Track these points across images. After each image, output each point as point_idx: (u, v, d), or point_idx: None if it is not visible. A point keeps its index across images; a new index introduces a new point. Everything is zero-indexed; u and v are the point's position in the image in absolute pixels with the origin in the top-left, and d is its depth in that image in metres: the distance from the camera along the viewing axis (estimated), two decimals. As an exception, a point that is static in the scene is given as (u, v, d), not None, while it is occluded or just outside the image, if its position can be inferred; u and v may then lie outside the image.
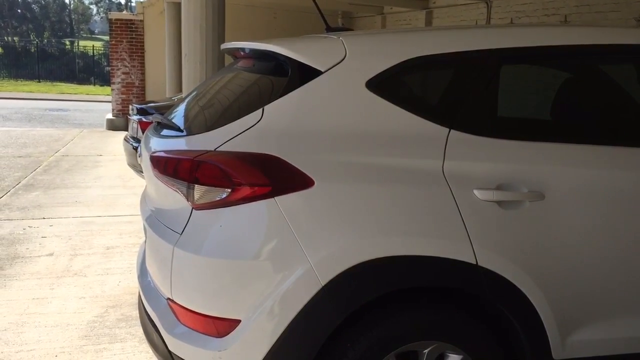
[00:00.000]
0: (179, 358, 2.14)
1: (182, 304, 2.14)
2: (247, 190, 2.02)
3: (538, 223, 2.11)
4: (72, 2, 60.57)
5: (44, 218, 5.81)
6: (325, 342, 2.02)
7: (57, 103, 20.97)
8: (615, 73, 2.54)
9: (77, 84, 31.37)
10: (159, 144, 2.42)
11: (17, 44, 44.50)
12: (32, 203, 6.38)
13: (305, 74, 2.15)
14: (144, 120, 6.36)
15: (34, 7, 55.17)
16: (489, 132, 2.17)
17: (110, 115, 13.55)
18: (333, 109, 2.13)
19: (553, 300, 2.15)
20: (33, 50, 38.83)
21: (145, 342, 2.78)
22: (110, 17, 13.72)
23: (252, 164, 2.03)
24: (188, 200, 2.11)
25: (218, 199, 2.05)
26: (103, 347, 3.27)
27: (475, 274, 2.07)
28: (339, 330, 2.04)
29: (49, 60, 36.91)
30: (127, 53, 13.31)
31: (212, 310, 2.07)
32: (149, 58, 13.40)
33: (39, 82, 31.24)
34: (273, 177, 2.01)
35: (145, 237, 2.60)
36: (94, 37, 58.28)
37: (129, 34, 13.26)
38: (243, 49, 2.64)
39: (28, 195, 6.72)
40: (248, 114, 2.11)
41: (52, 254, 4.76)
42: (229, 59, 3.39)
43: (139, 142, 6.39)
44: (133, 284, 4.14)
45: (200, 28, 4.26)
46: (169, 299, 2.20)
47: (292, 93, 2.14)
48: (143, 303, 2.52)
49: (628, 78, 2.56)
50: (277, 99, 2.13)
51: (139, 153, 2.72)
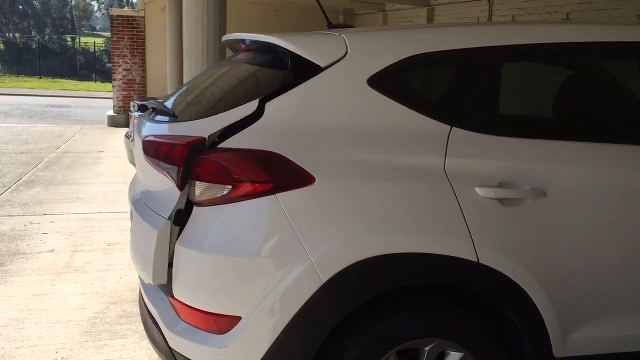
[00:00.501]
0: (180, 355, 2.14)
1: (183, 301, 2.14)
2: (248, 187, 2.01)
3: (540, 221, 2.11)
4: (73, -2, 60.58)
5: (45, 214, 5.81)
6: (326, 339, 2.02)
7: (58, 100, 20.97)
8: (618, 71, 2.53)
9: (78, 81, 31.39)
10: (152, 129, 2.41)
11: (18, 41, 44.51)
12: (33, 199, 6.39)
13: (305, 69, 2.14)
14: (145, 117, 6.36)
15: (36, 3, 55.17)
16: (491, 129, 2.16)
17: (112, 112, 13.56)
18: (335, 106, 2.13)
19: (555, 298, 2.14)
20: (34, 47, 38.84)
21: (146, 338, 2.78)
22: (112, 13, 13.72)
23: (253, 161, 2.03)
24: (177, 186, 2.10)
25: (219, 196, 2.05)
26: (104, 343, 3.27)
27: (477, 272, 2.07)
28: (341, 328, 2.03)
29: (51, 57, 36.92)
30: (128, 50, 13.30)
31: (213, 307, 2.06)
32: (151, 55, 13.39)
33: (41, 78, 31.24)
34: (274, 174, 2.01)
35: (132, 221, 2.59)
36: (96, 33, 58.31)
37: (131, 31, 13.25)
38: (244, 41, 2.63)
39: (29, 192, 6.72)
40: (243, 104, 2.10)
41: (53, 251, 4.76)
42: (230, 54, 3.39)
43: (140, 138, 6.39)
44: (134, 281, 4.14)
45: (202, 24, 4.26)
46: (170, 296, 2.20)
47: (293, 90, 2.13)
48: (144, 300, 2.52)
49: (631, 76, 2.55)
50: (278, 96, 2.12)
51: (132, 137, 2.71)
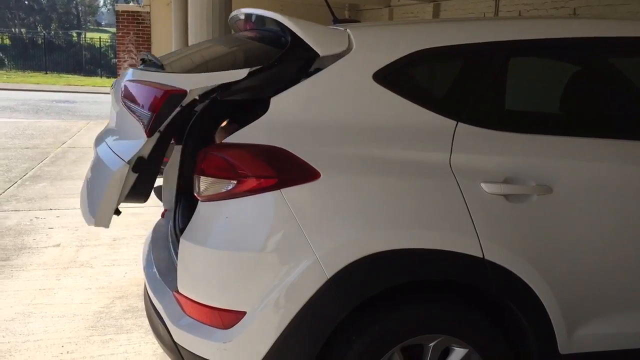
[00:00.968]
0: (184, 349, 2.15)
1: (187, 296, 2.14)
2: (253, 182, 2.01)
3: (546, 217, 2.10)
4: (79, -7, 60.64)
5: (51, 209, 5.83)
6: (331, 334, 2.02)
7: (64, 95, 21.01)
8: (625, 66, 2.51)
9: (83, 76, 31.41)
10: (136, 75, 2.35)
11: (24, 36, 44.59)
12: (39, 194, 6.41)
13: (308, 58, 2.14)
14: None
15: (41, -2, 55.23)
16: (497, 125, 2.16)
17: (117, 107, 13.57)
18: (340, 101, 2.12)
19: (560, 295, 2.14)
20: (40, 42, 38.92)
21: (151, 333, 2.79)
22: (117, 8, 13.73)
23: (258, 156, 2.03)
24: (145, 132, 2.07)
25: (224, 191, 2.05)
26: (109, 337, 3.28)
27: (482, 268, 2.06)
28: (345, 323, 2.03)
29: (56, 52, 36.98)
30: (134, 45, 13.32)
31: (217, 302, 2.07)
32: (156, 50, 13.40)
33: (46, 73, 31.29)
34: (279, 169, 2.01)
35: (91, 164, 2.52)
36: (101, 29, 58.37)
37: (136, 26, 13.27)
38: (249, 20, 2.63)
39: (35, 187, 6.74)
40: (232, 70, 2.10)
41: (58, 245, 4.78)
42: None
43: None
44: (139, 275, 4.15)
45: (207, 19, 4.25)
46: (175, 291, 2.20)
47: (298, 85, 2.13)
48: (149, 294, 2.53)
49: (638, 71, 2.53)
50: (283, 91, 2.11)
51: (113, 84, 2.67)
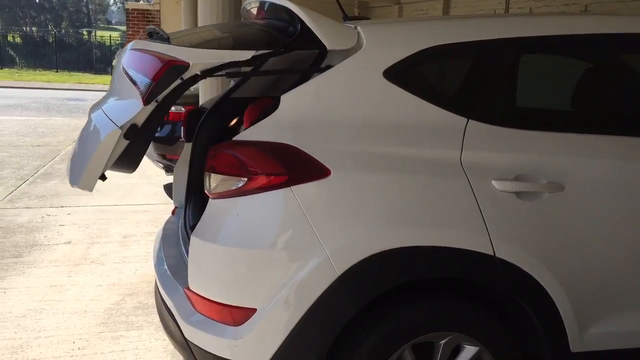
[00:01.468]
0: (195, 346, 2.15)
1: (198, 292, 2.15)
2: (263, 180, 2.01)
3: (557, 214, 2.09)
4: (89, -8, 60.90)
5: (62, 206, 5.87)
6: (341, 331, 2.02)
7: (74, 93, 21.12)
8: (637, 62, 2.49)
9: (94, 74, 31.55)
10: (140, 44, 2.33)
11: (35, 34, 44.87)
12: (50, 191, 6.45)
13: (313, 47, 2.14)
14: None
15: (52, -3, 55.54)
16: (508, 122, 2.15)
17: (127, 105, 13.62)
18: (350, 99, 2.12)
19: (571, 293, 2.13)
20: (51, 40, 39.11)
21: (162, 329, 2.79)
22: (127, 7, 13.78)
23: (268, 153, 2.03)
24: (142, 101, 2.06)
25: (234, 188, 2.05)
26: (120, 334, 3.30)
27: (493, 266, 2.06)
28: (355, 320, 2.03)
29: (67, 50, 37.14)
30: (143, 43, 13.34)
31: (227, 299, 2.07)
32: (166, 48, 13.42)
33: (57, 72, 31.46)
34: (289, 166, 2.01)
35: (84, 128, 2.49)
36: (111, 27, 58.62)
37: (146, 24, 13.32)
38: (263, 7, 2.62)
39: (46, 184, 6.79)
40: (238, 50, 2.11)
41: (69, 242, 4.81)
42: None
43: (156, 131, 6.42)
44: (150, 272, 4.17)
45: (217, 17, 4.26)
46: (186, 288, 2.21)
47: (308, 82, 2.13)
48: (159, 291, 2.54)
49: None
50: (293, 89, 2.12)
51: (117, 54, 2.65)
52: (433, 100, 2.13)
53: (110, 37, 38.76)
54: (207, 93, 4.80)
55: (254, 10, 2.85)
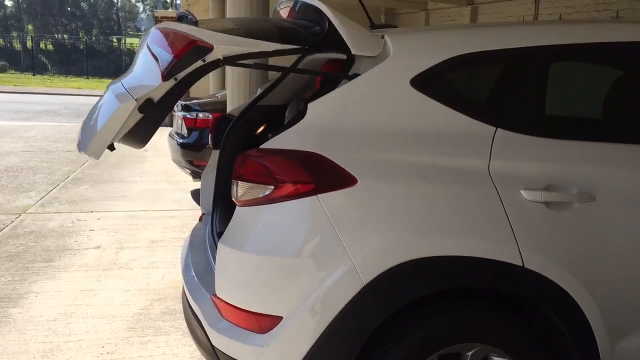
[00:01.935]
0: (222, 352, 2.17)
1: (224, 299, 2.16)
2: (290, 188, 2.02)
3: (588, 225, 2.06)
4: (119, 0, 61.98)
5: (92, 211, 5.96)
6: (367, 341, 2.01)
7: (104, 99, 21.44)
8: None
9: (123, 81, 32.00)
10: (170, 25, 2.30)
11: (66, 41, 45.77)
12: (80, 196, 6.56)
13: (338, 49, 2.14)
14: (188, 117, 6.46)
15: (83, 5, 56.63)
16: (537, 131, 2.12)
17: (156, 111, 13.78)
18: (377, 107, 2.12)
19: (603, 305, 2.09)
20: (82, 48, 39.87)
21: (189, 335, 2.82)
22: (157, 15, 14.00)
23: (295, 162, 2.04)
24: (162, 76, 2.06)
25: (261, 196, 2.06)
26: (148, 339, 3.34)
27: (522, 276, 2.03)
28: (381, 330, 2.02)
29: (97, 57, 37.85)
30: (172, 50, 13.51)
31: (254, 306, 2.08)
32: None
33: (88, 78, 32.07)
34: (316, 174, 2.01)
35: (100, 98, 2.49)
36: (140, 34, 59.52)
37: (174, 32, 13.46)
38: (294, 7, 2.63)
39: (77, 189, 6.91)
40: (265, 41, 2.12)
41: (99, 247, 4.88)
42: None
43: (184, 138, 6.50)
44: (177, 278, 4.21)
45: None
46: (213, 295, 2.22)
47: (335, 90, 2.13)
48: (187, 297, 2.56)
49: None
50: (320, 97, 2.12)
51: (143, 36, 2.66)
52: (461, 109, 2.11)
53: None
54: (234, 101, 4.84)
55: (284, 12, 2.86)
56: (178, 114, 6.77)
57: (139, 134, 2.23)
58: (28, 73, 33.43)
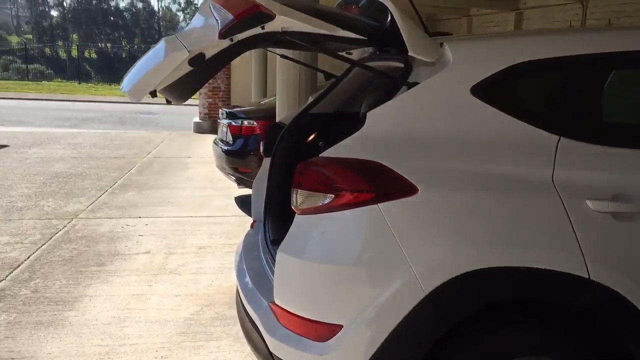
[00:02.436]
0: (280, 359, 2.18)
1: (283, 307, 2.17)
2: (350, 196, 2.02)
3: (657, 236, 2.00)
4: (160, 9, 63.29)
5: (140, 217, 6.07)
6: (428, 353, 2.00)
7: (146, 107, 21.85)
8: None
9: (165, 88, 32.60)
10: None
11: (110, 50, 46.93)
12: (128, 202, 6.69)
13: (396, 46, 2.13)
14: (234, 124, 6.53)
15: (126, 14, 57.98)
16: (602, 139, 2.08)
17: (197, 119, 14.00)
18: (437, 115, 2.11)
19: (672, 319, 2.02)
20: (124, 56, 40.81)
21: (240, 341, 2.84)
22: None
23: (355, 170, 2.04)
24: (219, 34, 2.08)
25: (321, 204, 2.07)
26: (200, 344, 3.38)
27: (588, 289, 1.99)
28: (442, 341, 2.00)
29: (139, 65, 38.58)
30: (214, 58, 13.69)
31: (313, 315, 2.09)
32: (234, 62, 13.72)
33: (131, 86, 32.69)
34: (376, 183, 2.01)
35: (153, 46, 2.53)
36: (181, 42, 60.45)
37: (216, 41, 13.63)
38: (358, 4, 2.63)
39: (124, 195, 7.05)
40: (326, 23, 2.13)
41: (148, 252, 4.97)
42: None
43: (228, 145, 6.57)
44: (225, 284, 4.25)
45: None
46: (271, 302, 2.24)
47: (394, 99, 2.13)
48: (243, 303, 2.58)
49: None
50: (379, 105, 2.13)
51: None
52: (522, 117, 2.09)
53: (181, 52, 39.91)
54: (283, 108, 4.87)
55: (346, 9, 2.85)
56: (223, 122, 6.85)
57: (181, 89, 2.28)
58: (74, 81, 34.37)
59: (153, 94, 2.28)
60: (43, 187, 7.32)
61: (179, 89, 2.30)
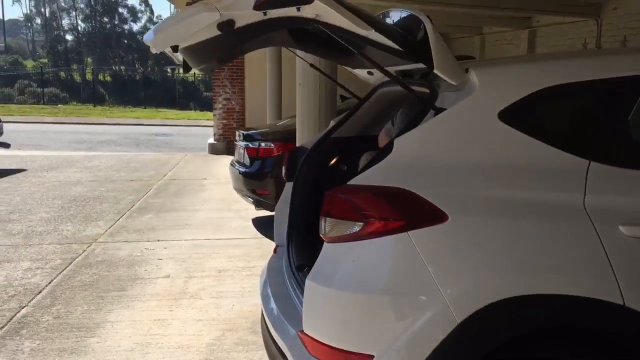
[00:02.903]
0: (309, 388, 2.15)
1: (312, 336, 2.15)
2: (379, 224, 2.01)
3: (694, 262, 1.97)
4: (173, 31, 63.99)
5: (159, 240, 6.09)
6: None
7: (161, 128, 22.11)
8: None
9: (179, 109, 32.94)
10: None
11: (124, 73, 47.48)
12: (146, 225, 6.71)
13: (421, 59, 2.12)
14: (251, 146, 6.55)
15: (139, 37, 58.68)
16: (634, 163, 2.06)
17: (212, 140, 14.09)
18: (465, 141, 2.10)
19: None
20: (138, 78, 41.26)
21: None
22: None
23: (385, 198, 2.03)
24: (255, 4, 2.03)
25: (350, 232, 2.06)
26: (223, 371, 3.36)
27: (622, 316, 1.95)
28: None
29: (153, 87, 39.06)
30: (228, 80, 13.81)
31: (344, 344, 2.06)
32: (249, 84, 13.84)
33: (145, 108, 33.06)
34: (406, 211, 2.00)
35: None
36: (193, 63, 61.11)
37: (229, 64, 13.75)
38: (389, 16, 2.61)
39: (142, 218, 7.08)
40: (361, 22, 2.08)
41: (168, 276, 4.97)
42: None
43: (245, 167, 6.59)
44: (246, 309, 4.24)
45: (315, 58, 4.33)
46: (300, 331, 2.22)
47: (422, 125, 2.13)
48: (268, 329, 2.57)
49: None
50: (407, 132, 2.12)
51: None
52: (551, 142, 2.07)
53: (195, 74, 40.34)
54: (304, 134, 4.88)
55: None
56: (240, 144, 6.88)
57: (201, 54, 2.30)
58: (89, 104, 34.77)
59: (175, 49, 2.27)
60: (62, 211, 7.37)
61: (199, 54, 2.30)
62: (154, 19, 60.36)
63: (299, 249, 2.99)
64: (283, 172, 3.33)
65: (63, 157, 12.58)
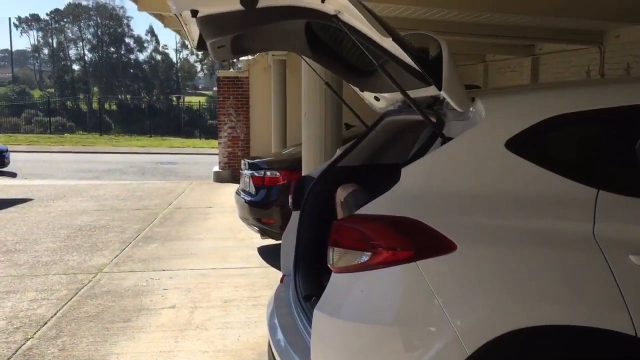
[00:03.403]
0: (318, 422, 2.12)
1: (321, 368, 2.13)
2: (388, 254, 2.00)
3: None
4: (179, 60, 64.79)
5: (164, 270, 6.06)
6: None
7: (166, 156, 22.20)
8: None
9: (184, 138, 33.14)
10: None
11: (130, 102, 47.93)
12: (151, 255, 6.70)
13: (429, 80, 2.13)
14: (256, 175, 6.56)
15: (145, 66, 59.39)
16: (642, 192, 2.05)
17: (217, 168, 14.13)
18: (473, 171, 2.10)
19: None
20: (144, 107, 41.61)
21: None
22: (218, 75, 14.48)
23: (392, 228, 2.03)
24: None
25: (358, 263, 2.05)
26: (230, 403, 3.31)
27: (635, 347, 1.92)
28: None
29: (158, 116, 39.37)
30: (233, 108, 13.92)
31: (352, 376, 2.04)
32: (254, 112, 13.93)
33: (150, 136, 33.25)
34: (414, 240, 1.99)
35: None
36: (198, 92, 61.77)
37: (235, 90, 13.90)
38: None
39: (147, 247, 7.06)
40: (382, 29, 2.07)
41: (174, 306, 4.93)
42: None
43: (251, 195, 6.59)
44: (252, 339, 4.20)
45: (320, 88, 4.38)
46: (308, 362, 2.20)
47: (429, 155, 2.13)
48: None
49: None
50: (414, 161, 2.12)
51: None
52: (559, 171, 2.07)
53: (200, 102, 40.72)
54: (310, 162, 4.89)
55: None
56: (245, 172, 6.89)
57: (217, 26, 2.29)
58: (95, 133, 35.03)
59: (194, 13, 2.24)
60: (67, 240, 7.37)
61: (216, 26, 2.29)
62: (160, 49, 61.17)
63: (306, 279, 2.98)
64: (290, 200, 3.32)
65: (69, 186, 12.63)
